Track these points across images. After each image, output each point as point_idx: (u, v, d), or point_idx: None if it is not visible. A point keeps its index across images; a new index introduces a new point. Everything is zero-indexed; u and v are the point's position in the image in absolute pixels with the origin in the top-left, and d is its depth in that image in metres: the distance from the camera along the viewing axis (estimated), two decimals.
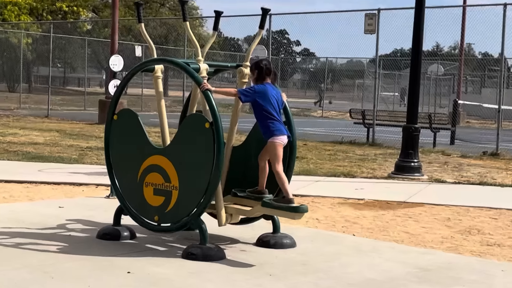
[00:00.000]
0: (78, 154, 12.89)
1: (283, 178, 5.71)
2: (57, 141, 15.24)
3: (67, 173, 10.48)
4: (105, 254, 5.57)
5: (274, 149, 5.75)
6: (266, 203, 5.71)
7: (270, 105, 5.76)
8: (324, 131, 21.86)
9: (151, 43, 6.38)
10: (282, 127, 5.78)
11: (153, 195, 5.88)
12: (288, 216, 5.69)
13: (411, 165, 11.70)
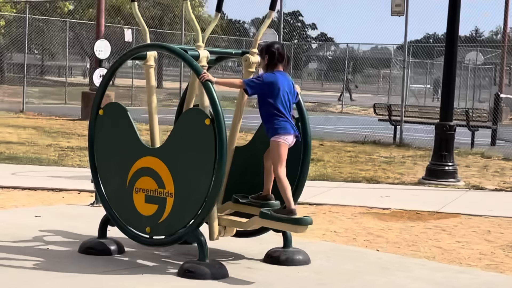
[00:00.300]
0: (57, 155, 12.93)
1: (284, 184, 5.72)
2: (34, 139, 15.30)
3: (45, 177, 10.51)
4: (89, 272, 5.58)
5: (276, 149, 5.75)
6: (264, 214, 5.73)
7: (279, 98, 5.75)
8: (344, 129, 21.85)
9: (144, 25, 6.40)
10: (288, 125, 5.77)
11: (145, 203, 5.89)
12: (289, 229, 5.72)
13: (445, 170, 11.68)
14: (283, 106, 5.77)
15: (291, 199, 5.71)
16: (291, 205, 5.69)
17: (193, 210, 5.66)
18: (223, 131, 5.53)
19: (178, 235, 5.76)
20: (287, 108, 5.81)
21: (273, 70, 5.88)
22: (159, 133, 6.26)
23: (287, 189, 5.71)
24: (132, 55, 6.17)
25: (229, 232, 5.96)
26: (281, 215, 5.68)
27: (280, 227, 5.75)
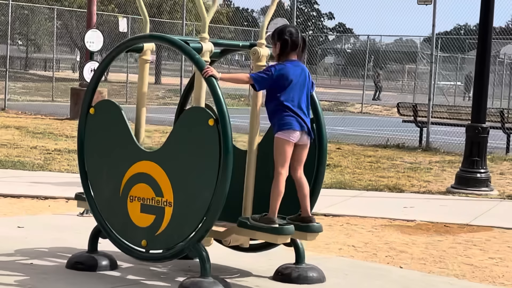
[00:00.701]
0: (43, 159, 12.97)
1: (279, 189, 5.71)
2: (17, 141, 15.35)
3: (28, 182, 10.54)
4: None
5: (277, 147, 5.76)
6: (242, 222, 5.77)
7: (289, 93, 5.74)
8: (364, 131, 21.85)
9: (146, 15, 6.41)
10: (294, 121, 5.73)
11: (140, 212, 5.90)
12: (269, 239, 5.76)
13: (476, 177, 11.67)
14: (292, 101, 5.76)
15: (277, 208, 5.71)
16: (274, 214, 5.69)
17: (194, 221, 5.66)
18: (229, 133, 5.52)
19: (178, 249, 5.76)
20: (300, 102, 5.79)
21: (285, 59, 5.87)
22: (144, 132, 6.27)
23: (279, 194, 5.71)
24: (127, 47, 6.18)
25: (206, 243, 5.90)
26: (260, 224, 5.69)
27: (258, 236, 5.80)
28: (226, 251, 6.38)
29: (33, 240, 7.10)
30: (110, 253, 6.25)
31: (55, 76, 32.15)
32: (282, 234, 5.68)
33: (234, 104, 32.31)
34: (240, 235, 5.93)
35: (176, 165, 5.74)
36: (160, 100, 33.64)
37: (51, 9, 36.07)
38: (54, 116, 22.48)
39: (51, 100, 29.98)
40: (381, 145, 17.61)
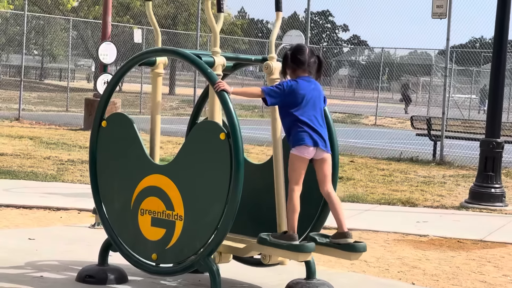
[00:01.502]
0: (56, 169, 12.99)
1: (294, 204, 5.67)
2: (30, 151, 15.38)
3: (41, 193, 10.56)
4: None
5: (291, 163, 5.74)
6: (263, 239, 5.73)
7: (302, 108, 5.73)
8: (377, 143, 21.80)
9: (157, 28, 6.42)
10: (308, 137, 5.70)
11: (151, 226, 5.89)
12: (290, 257, 5.72)
13: (491, 192, 11.61)
14: (307, 116, 5.74)
15: (295, 224, 5.67)
16: (294, 229, 5.66)
17: (205, 235, 5.64)
18: (240, 147, 5.51)
19: (188, 263, 5.74)
20: (315, 116, 5.77)
21: (297, 76, 5.86)
22: (159, 149, 6.27)
23: (295, 211, 5.67)
24: (139, 61, 6.18)
25: (224, 259, 5.91)
26: (280, 241, 5.65)
27: (279, 254, 5.74)
28: (236, 265, 6.35)
29: (44, 252, 7.09)
30: (121, 266, 6.23)
31: (69, 86, 32.27)
32: (303, 251, 5.63)
33: (248, 115, 32.34)
34: (260, 251, 5.89)
35: (187, 179, 5.73)
36: (174, 111, 33.70)
37: (67, 20, 36.18)
38: (68, 126, 22.53)
39: (66, 110, 30.08)
40: (394, 158, 17.55)
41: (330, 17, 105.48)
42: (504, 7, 11.72)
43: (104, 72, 14.18)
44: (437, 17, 17.64)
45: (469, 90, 45.76)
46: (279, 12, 6.29)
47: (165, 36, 39.50)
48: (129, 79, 50.57)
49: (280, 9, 6.27)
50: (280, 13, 6.28)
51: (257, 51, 42.51)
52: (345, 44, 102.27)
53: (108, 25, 20.33)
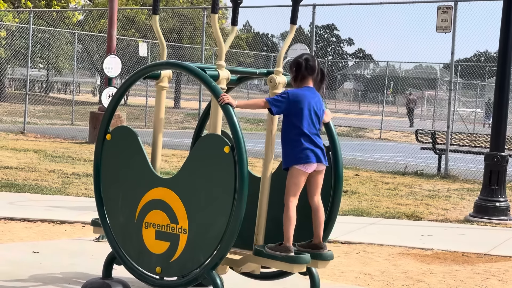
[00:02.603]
0: (61, 183, 13.00)
1: (290, 216, 5.69)
2: (35, 164, 15.41)
3: (45, 207, 10.57)
4: None
5: (293, 177, 5.75)
6: (258, 251, 5.74)
7: (305, 119, 5.74)
8: (382, 157, 21.80)
9: (164, 41, 6.44)
10: (311, 154, 5.73)
11: (155, 239, 5.89)
12: (285, 268, 5.71)
13: (495, 206, 11.60)
14: (308, 129, 5.76)
15: (291, 236, 5.68)
16: (289, 242, 5.67)
17: (209, 249, 5.64)
18: (245, 160, 5.52)
19: (192, 277, 5.74)
20: (314, 129, 5.79)
21: (301, 85, 5.89)
22: (160, 159, 6.28)
23: (291, 223, 5.68)
24: (143, 74, 6.19)
25: (221, 271, 5.91)
26: (275, 253, 5.66)
27: (274, 265, 5.75)
28: (241, 278, 6.35)
29: (48, 266, 7.10)
30: (125, 279, 6.23)
31: (75, 100, 32.33)
32: (298, 263, 5.65)
33: (253, 129, 32.37)
34: (256, 263, 5.91)
35: (191, 192, 5.74)
36: (179, 124, 33.75)
37: (72, 33, 36.30)
38: (73, 139, 22.57)
39: (71, 123, 30.13)
40: (399, 172, 17.54)
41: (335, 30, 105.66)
42: (509, 20, 11.74)
43: (109, 85, 14.22)
44: (442, 31, 17.67)
45: (474, 104, 45.76)
46: (294, 25, 6.29)
47: (171, 49, 39.60)
48: (134, 92, 50.68)
49: (295, 22, 6.27)
50: (294, 26, 6.28)
51: (262, 64, 42.60)
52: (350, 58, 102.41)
53: (113, 39, 20.38)
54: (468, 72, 41.55)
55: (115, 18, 20.64)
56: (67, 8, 41.86)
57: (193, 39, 44.22)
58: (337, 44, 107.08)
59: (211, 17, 6.17)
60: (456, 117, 33.49)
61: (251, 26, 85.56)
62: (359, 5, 22.03)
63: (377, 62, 64.97)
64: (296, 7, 6.25)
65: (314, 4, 20.25)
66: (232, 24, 6.25)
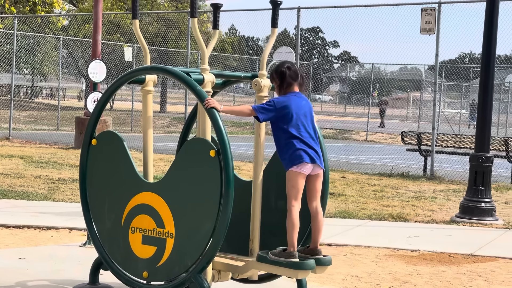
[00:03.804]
0: (47, 188, 12.96)
1: (293, 221, 5.68)
2: (21, 170, 15.35)
3: (31, 213, 10.53)
4: None
5: (290, 180, 5.75)
6: (262, 257, 5.74)
7: (294, 124, 5.75)
8: (368, 159, 21.84)
9: (146, 46, 6.44)
10: (305, 154, 5.73)
11: (142, 244, 5.89)
12: (289, 274, 5.71)
13: (481, 206, 11.63)
14: (299, 132, 5.76)
15: (295, 241, 5.68)
16: (293, 247, 5.67)
17: (196, 253, 5.64)
18: (230, 164, 5.52)
19: (179, 281, 5.74)
20: (305, 133, 5.79)
21: (286, 92, 5.89)
22: (153, 167, 6.28)
23: (294, 228, 5.68)
24: (128, 79, 6.19)
25: (224, 277, 5.93)
26: (279, 259, 5.66)
27: (279, 271, 5.74)
28: (228, 282, 6.34)
29: (34, 272, 7.07)
30: (112, 284, 6.22)
31: (60, 105, 32.24)
32: (303, 269, 5.64)
33: (239, 132, 32.37)
34: (260, 269, 5.89)
35: (177, 196, 5.73)
36: (165, 129, 33.71)
37: (57, 39, 36.21)
38: (59, 145, 22.50)
39: (56, 129, 30.05)
40: (385, 174, 17.58)
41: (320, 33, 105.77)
42: (492, 22, 11.79)
43: (94, 90, 14.18)
44: (426, 33, 17.73)
45: (459, 105, 45.92)
46: (275, 29, 6.31)
47: (156, 54, 39.56)
48: (120, 97, 50.62)
49: (276, 26, 6.29)
50: (275, 29, 6.31)
51: (248, 67, 42.59)
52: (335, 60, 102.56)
53: (98, 43, 20.33)
54: (452, 73, 41.71)
55: (99, 23, 20.59)
56: (52, 13, 41.73)
57: (179, 43, 44.18)
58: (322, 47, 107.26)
59: (191, 21, 6.18)
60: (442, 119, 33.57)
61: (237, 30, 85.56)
62: (344, 8, 22.06)
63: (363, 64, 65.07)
64: (276, 11, 6.28)
65: (299, 7, 20.27)
66: (214, 28, 6.26)
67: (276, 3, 6.24)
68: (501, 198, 14.04)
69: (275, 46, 29.70)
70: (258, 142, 6.11)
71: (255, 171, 6.06)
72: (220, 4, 6.21)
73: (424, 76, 43.55)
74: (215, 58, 41.54)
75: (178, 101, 45.17)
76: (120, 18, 43.66)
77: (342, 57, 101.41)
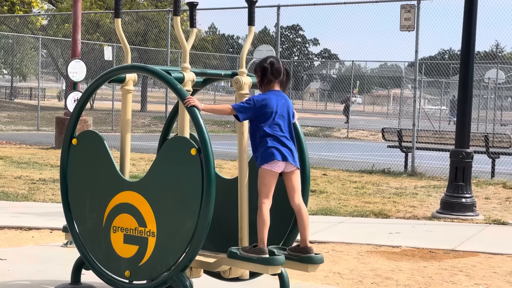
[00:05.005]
0: (27, 189, 12.91)
1: (264, 218, 5.67)
2: (0, 171, 15.27)
3: (12, 213, 10.49)
4: None
5: (261, 177, 5.75)
6: (233, 253, 5.74)
7: (272, 123, 5.75)
8: (349, 156, 21.89)
9: (127, 45, 6.42)
10: (277, 152, 5.72)
11: (124, 243, 5.88)
12: (260, 270, 5.71)
13: (461, 202, 11.69)
14: (274, 131, 5.75)
15: (265, 237, 5.68)
16: (263, 244, 5.67)
17: (177, 251, 5.64)
18: (211, 162, 5.52)
19: (161, 280, 5.74)
20: (280, 132, 5.79)
21: (267, 89, 5.89)
22: (129, 163, 6.26)
23: (265, 225, 5.67)
24: (108, 78, 6.18)
25: (195, 274, 5.92)
26: (250, 255, 5.66)
27: (249, 267, 5.74)
28: (211, 280, 6.35)
29: (16, 273, 7.05)
30: (94, 284, 6.21)
31: (40, 105, 32.12)
32: (273, 264, 5.64)
33: (220, 130, 32.36)
34: (230, 265, 5.90)
35: (158, 195, 5.73)
36: (146, 128, 33.65)
37: (37, 38, 36.04)
38: (39, 145, 22.41)
39: (36, 129, 29.93)
40: (366, 171, 17.63)
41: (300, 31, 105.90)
42: (471, 19, 11.85)
43: (74, 90, 14.14)
44: (406, 30, 17.80)
45: (439, 102, 46.11)
46: (252, 26, 6.31)
47: (136, 53, 39.45)
48: (100, 97, 50.46)
49: (252, 23, 6.30)
50: (252, 27, 6.31)
51: (228, 65, 42.60)
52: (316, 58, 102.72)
53: (77, 43, 20.25)
54: (432, 70, 41.89)
55: (79, 22, 20.51)
56: (30, 13, 41.54)
57: (158, 42, 44.11)
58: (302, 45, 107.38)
59: (174, 20, 6.16)
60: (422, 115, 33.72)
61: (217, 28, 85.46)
62: (324, 5, 22.09)
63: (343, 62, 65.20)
64: (252, 9, 6.29)
65: (279, 5, 20.30)
66: (191, 26, 6.26)
67: (251, 2, 6.25)
68: (482, 193, 14.12)
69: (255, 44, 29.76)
70: (242, 140, 6.11)
71: (240, 169, 6.06)
72: (196, 2, 6.20)
73: (404, 73, 43.66)
74: (196, 57, 41.49)
75: (159, 100, 45.11)
76: (99, 18, 43.52)
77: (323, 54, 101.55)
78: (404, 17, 17.72)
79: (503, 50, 73.97)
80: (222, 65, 45.56)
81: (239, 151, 6.10)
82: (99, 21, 43.64)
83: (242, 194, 6.03)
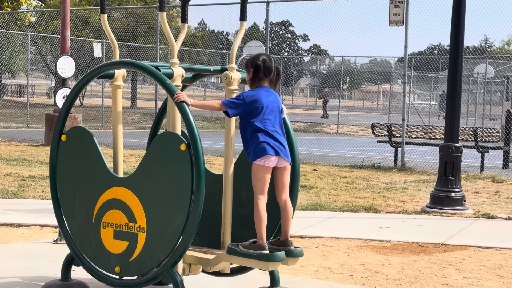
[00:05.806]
0: (17, 186, 12.88)
1: (261, 215, 5.69)
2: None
3: (1, 210, 10.46)
4: None
5: (255, 173, 5.76)
6: (232, 249, 5.76)
7: (262, 119, 5.76)
8: (339, 151, 21.92)
9: (114, 40, 6.41)
10: (269, 147, 5.74)
11: (114, 239, 5.88)
12: (260, 266, 5.73)
13: (451, 196, 11.72)
14: (264, 126, 5.76)
15: (264, 233, 5.70)
16: (262, 239, 5.68)
17: (168, 247, 5.64)
18: (201, 158, 5.52)
19: (152, 275, 5.74)
20: (271, 127, 5.80)
21: (258, 85, 5.90)
22: (123, 163, 6.26)
23: (262, 220, 5.69)
24: (97, 74, 6.16)
25: (194, 271, 5.94)
26: (250, 251, 5.68)
27: (249, 264, 5.76)
28: (201, 275, 6.35)
29: (5, 270, 7.03)
30: (84, 280, 6.21)
31: (29, 102, 32.03)
32: (273, 260, 5.65)
33: (210, 127, 32.35)
34: (230, 262, 5.91)
35: (148, 190, 5.73)
36: (136, 124, 33.61)
37: (25, 35, 35.94)
38: (29, 142, 22.36)
39: (26, 126, 29.85)
40: (356, 166, 17.66)
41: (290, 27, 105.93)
42: (459, 14, 11.88)
43: (63, 86, 14.11)
44: (395, 25, 17.82)
45: (429, 97, 46.21)
46: (244, 22, 6.30)
47: (126, 49, 39.40)
48: (90, 93, 50.34)
49: (244, 18, 6.28)
50: (244, 22, 6.29)
51: (218, 62, 42.58)
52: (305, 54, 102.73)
53: (66, 40, 20.21)
54: (422, 65, 41.95)
55: (68, 19, 20.47)
56: (19, 9, 41.40)
57: (148, 38, 44.03)
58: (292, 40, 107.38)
59: (160, 15, 6.15)
60: (412, 110, 33.79)
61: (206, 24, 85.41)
62: (313, 1, 22.10)
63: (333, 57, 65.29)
64: (245, 3, 6.28)
65: (268, 0, 20.29)
66: (182, 22, 6.25)
67: None
68: (471, 187, 14.17)
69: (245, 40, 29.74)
70: (229, 135, 6.12)
71: (226, 164, 6.08)
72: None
73: (393, 68, 43.73)
74: (185, 53, 41.43)
75: (149, 97, 45.03)
76: (88, 14, 43.41)
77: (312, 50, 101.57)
78: (393, 12, 17.74)
79: (492, 45, 74.17)
80: (212, 61, 45.54)
81: (226, 146, 6.11)
82: (88, 17, 43.53)
83: (227, 189, 6.04)
